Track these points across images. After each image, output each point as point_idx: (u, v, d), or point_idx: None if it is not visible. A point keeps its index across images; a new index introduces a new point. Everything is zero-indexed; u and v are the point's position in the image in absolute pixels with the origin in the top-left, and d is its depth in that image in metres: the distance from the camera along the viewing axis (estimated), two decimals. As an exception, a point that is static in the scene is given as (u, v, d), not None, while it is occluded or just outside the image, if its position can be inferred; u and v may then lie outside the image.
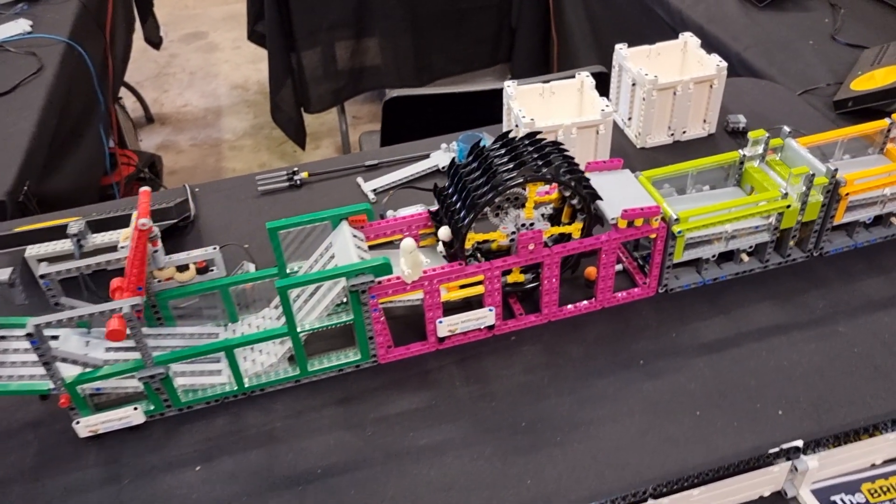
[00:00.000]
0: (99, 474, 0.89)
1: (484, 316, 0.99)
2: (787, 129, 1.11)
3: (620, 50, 1.37)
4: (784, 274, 1.10)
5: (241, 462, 0.89)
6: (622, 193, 1.02)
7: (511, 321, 1.03)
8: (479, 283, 0.97)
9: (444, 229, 0.96)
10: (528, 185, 0.93)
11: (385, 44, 2.70)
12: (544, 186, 0.97)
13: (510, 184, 0.91)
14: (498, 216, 0.97)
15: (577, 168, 0.96)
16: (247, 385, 0.95)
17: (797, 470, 0.85)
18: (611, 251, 1.00)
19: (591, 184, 0.96)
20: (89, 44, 1.97)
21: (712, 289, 1.08)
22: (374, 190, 1.29)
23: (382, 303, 0.95)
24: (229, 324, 1.03)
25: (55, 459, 0.90)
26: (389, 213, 1.16)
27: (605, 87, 1.43)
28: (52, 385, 0.87)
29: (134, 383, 0.91)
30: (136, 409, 0.91)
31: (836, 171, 1.03)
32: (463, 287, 0.99)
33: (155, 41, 3.00)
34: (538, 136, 0.97)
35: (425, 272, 0.93)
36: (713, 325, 1.03)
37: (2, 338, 0.93)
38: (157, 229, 0.95)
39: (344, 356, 0.98)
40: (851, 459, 0.88)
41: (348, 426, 0.92)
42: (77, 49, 1.87)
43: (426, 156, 1.36)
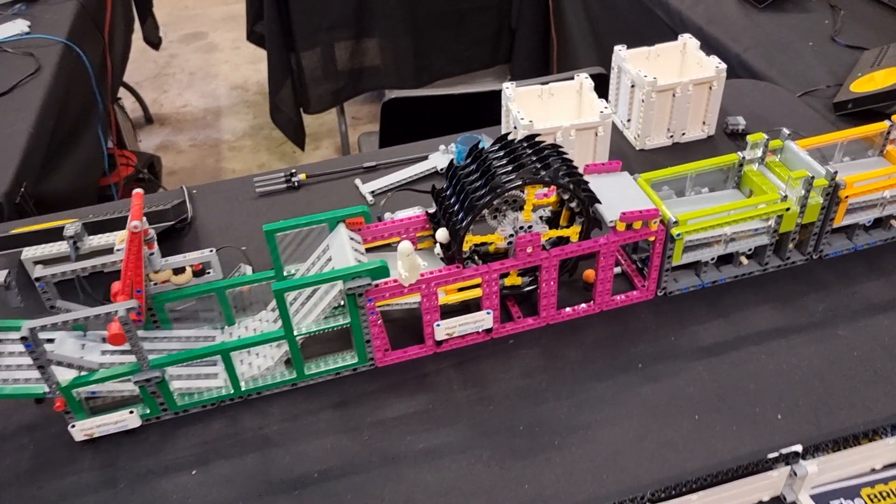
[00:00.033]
0: (95, 478, 0.88)
1: (482, 319, 0.99)
2: (786, 131, 1.10)
3: (619, 51, 1.36)
4: (783, 277, 1.10)
5: (237, 466, 0.89)
6: (621, 196, 1.01)
7: (509, 324, 1.02)
8: (477, 286, 0.97)
9: (442, 231, 0.96)
10: (526, 188, 0.93)
11: (385, 44, 2.69)
12: (542, 189, 0.97)
13: (509, 186, 0.90)
14: (496, 218, 0.97)
15: (576, 171, 0.96)
16: (243, 388, 0.95)
17: (796, 475, 0.85)
18: (609, 254, 0.99)
19: (589, 187, 0.96)
20: (87, 44, 1.97)
21: (711, 292, 1.08)
22: (373, 192, 1.29)
23: (380, 306, 0.95)
24: (226, 327, 1.02)
25: (51, 463, 0.90)
26: (387, 216, 1.15)
27: (605, 88, 1.42)
28: (47, 389, 0.87)
29: (130, 387, 0.91)
30: (131, 412, 0.91)
31: (836, 173, 1.02)
32: (461, 290, 0.98)
33: (154, 41, 3.00)
34: (537, 139, 0.96)
35: (423, 275, 0.92)
36: (712, 329, 1.02)
37: (-3, 341, 0.93)
38: (153, 232, 0.95)
39: (341, 359, 0.98)
40: (851, 464, 0.88)
41: (345, 430, 0.92)
42: (75, 50, 1.87)
43: (424, 157, 1.36)
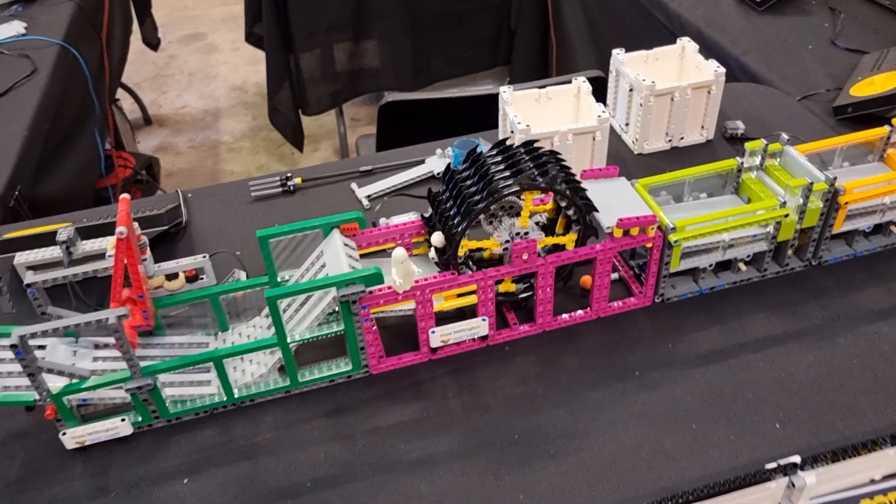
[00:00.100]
0: (86, 486, 0.87)
1: (477, 326, 0.98)
2: (785, 136, 1.09)
3: (618, 55, 1.35)
4: (782, 283, 1.09)
5: (229, 474, 0.88)
6: (618, 202, 1.00)
7: (505, 331, 1.01)
8: (472, 293, 0.96)
9: (437, 235, 0.95)
10: (524, 194, 0.92)
11: (383, 46, 2.68)
12: (539, 195, 0.96)
13: (506, 191, 0.89)
14: (492, 224, 0.96)
15: (574, 178, 0.95)
16: (236, 396, 0.94)
17: (794, 486, 0.84)
18: (606, 261, 0.98)
19: (587, 195, 0.95)
20: (84, 46, 1.96)
21: (709, 298, 1.07)
22: (369, 196, 1.28)
23: (374, 312, 0.94)
24: (219, 333, 1.02)
25: (41, 471, 0.89)
26: (382, 221, 1.14)
27: (604, 91, 1.41)
28: (37, 396, 0.86)
29: (121, 394, 0.90)
30: (123, 420, 0.90)
31: (836, 179, 1.02)
32: (456, 296, 0.97)
33: (153, 42, 2.99)
34: (535, 145, 0.95)
35: (417, 282, 0.92)
36: (710, 336, 1.01)
37: (-13, 347, 0.92)
38: (145, 238, 0.94)
39: (335, 366, 0.97)
40: (850, 475, 0.87)
41: (339, 438, 0.91)
42: (71, 51, 1.86)
43: (421, 161, 1.35)
